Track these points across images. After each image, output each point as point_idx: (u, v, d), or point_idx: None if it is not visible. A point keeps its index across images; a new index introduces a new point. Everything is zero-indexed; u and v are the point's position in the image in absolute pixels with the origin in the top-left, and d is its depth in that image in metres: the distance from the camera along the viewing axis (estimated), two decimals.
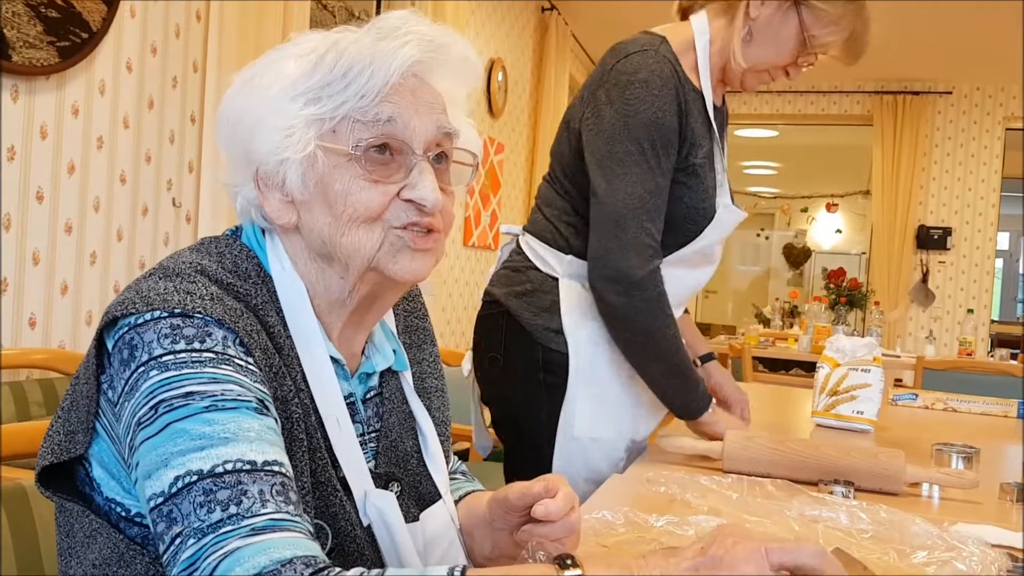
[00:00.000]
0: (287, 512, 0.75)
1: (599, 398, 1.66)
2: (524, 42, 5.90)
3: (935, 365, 4.74)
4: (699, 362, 1.89)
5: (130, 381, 0.79)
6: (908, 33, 6.01)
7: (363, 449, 0.97)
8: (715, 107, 1.70)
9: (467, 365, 1.81)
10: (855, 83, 7.46)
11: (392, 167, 0.90)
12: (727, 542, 0.72)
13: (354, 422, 0.96)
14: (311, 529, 0.78)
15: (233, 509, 0.73)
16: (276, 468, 0.77)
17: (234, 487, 0.74)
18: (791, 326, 6.62)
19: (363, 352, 1.02)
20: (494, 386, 1.74)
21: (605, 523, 1.16)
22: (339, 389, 0.93)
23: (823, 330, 5.13)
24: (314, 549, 0.74)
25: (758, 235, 11.79)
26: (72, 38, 2.42)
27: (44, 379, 2.32)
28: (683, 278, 1.72)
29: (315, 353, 0.91)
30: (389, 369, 1.03)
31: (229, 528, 0.72)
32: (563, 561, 0.73)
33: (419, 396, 1.07)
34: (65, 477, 0.89)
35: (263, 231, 0.96)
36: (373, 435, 1.00)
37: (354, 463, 0.92)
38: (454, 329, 5.03)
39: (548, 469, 1.64)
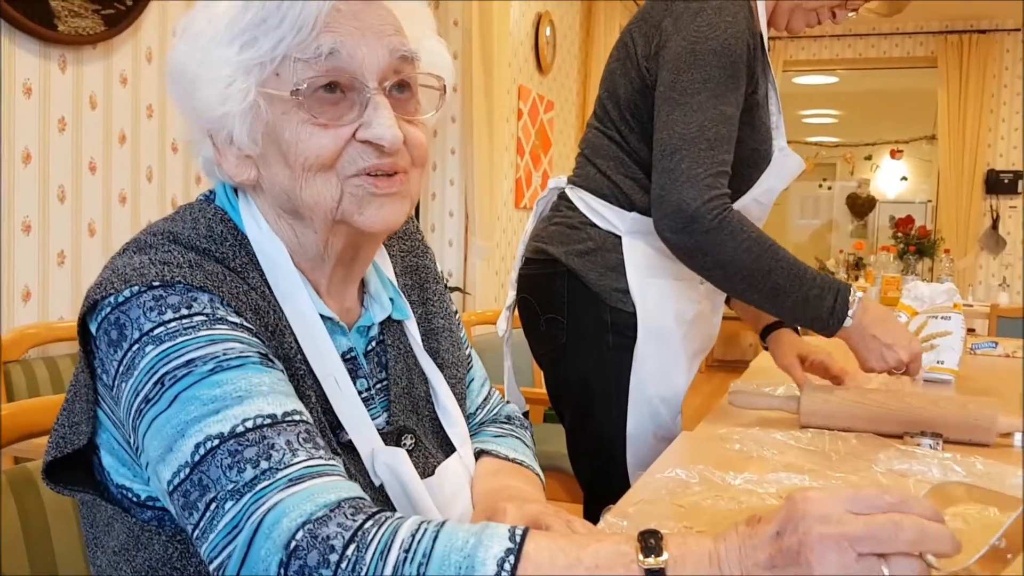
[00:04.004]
0: (320, 458, 0.72)
1: (668, 356, 1.60)
2: (574, 30, 5.76)
3: (1010, 313, 4.58)
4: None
5: (124, 361, 0.76)
6: None
7: (372, 403, 0.92)
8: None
9: (503, 325, 1.74)
10: (917, 24, 7.16)
11: (343, 106, 0.82)
12: (800, 527, 0.61)
13: (358, 377, 0.92)
14: (342, 469, 0.74)
15: (264, 464, 0.69)
16: (297, 417, 0.74)
17: (260, 443, 0.70)
18: (857, 278, 6.45)
19: (362, 304, 0.96)
20: (555, 348, 1.67)
21: (679, 482, 1.10)
22: (333, 347, 0.87)
23: (892, 280, 4.98)
24: (356, 490, 0.71)
25: (820, 186, 11.47)
26: (117, 5, 2.39)
27: None
28: None
29: (303, 312, 0.85)
30: (389, 318, 0.97)
31: (266, 483, 0.69)
32: (647, 541, 0.65)
33: (427, 339, 1.00)
34: (80, 468, 0.86)
35: (235, 190, 0.89)
36: (380, 387, 0.95)
37: (358, 422, 0.87)
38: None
39: (620, 430, 1.60)
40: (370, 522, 0.67)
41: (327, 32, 0.80)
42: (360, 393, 0.90)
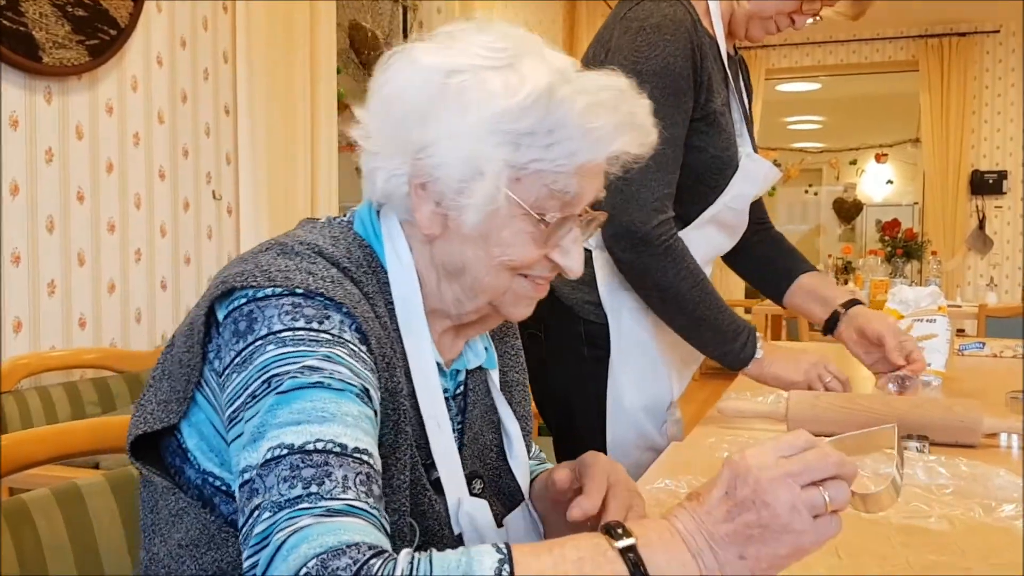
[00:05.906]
0: (367, 503, 0.73)
1: (646, 366, 1.62)
2: (555, 32, 5.82)
3: (998, 312, 4.61)
4: (842, 310, 1.75)
5: (243, 353, 0.78)
6: None
7: None
8: (728, 56, 1.65)
9: None
10: (898, 28, 7.23)
11: (553, 227, 0.89)
12: (750, 479, 0.68)
13: None
14: (387, 527, 0.75)
15: (314, 488, 0.71)
16: (365, 457, 0.75)
17: (320, 467, 0.72)
18: (846, 282, 6.48)
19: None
20: (537, 363, 1.69)
21: (668, 492, 1.12)
22: (441, 390, 0.91)
23: (880, 284, 5.01)
24: (383, 541, 0.72)
25: (806, 191, 11.54)
26: (101, 36, 2.41)
27: (98, 378, 2.34)
28: (714, 238, 1.67)
29: (422, 350, 0.90)
30: (479, 366, 1.02)
31: (305, 505, 0.70)
32: (613, 531, 0.70)
33: (503, 391, 1.05)
34: (154, 451, 0.88)
35: (378, 213, 0.93)
36: (457, 431, 0.99)
37: (450, 466, 0.91)
38: None
39: (601, 442, 1.61)
40: (376, 558, 0.68)
41: (577, 176, 0.87)
42: None
